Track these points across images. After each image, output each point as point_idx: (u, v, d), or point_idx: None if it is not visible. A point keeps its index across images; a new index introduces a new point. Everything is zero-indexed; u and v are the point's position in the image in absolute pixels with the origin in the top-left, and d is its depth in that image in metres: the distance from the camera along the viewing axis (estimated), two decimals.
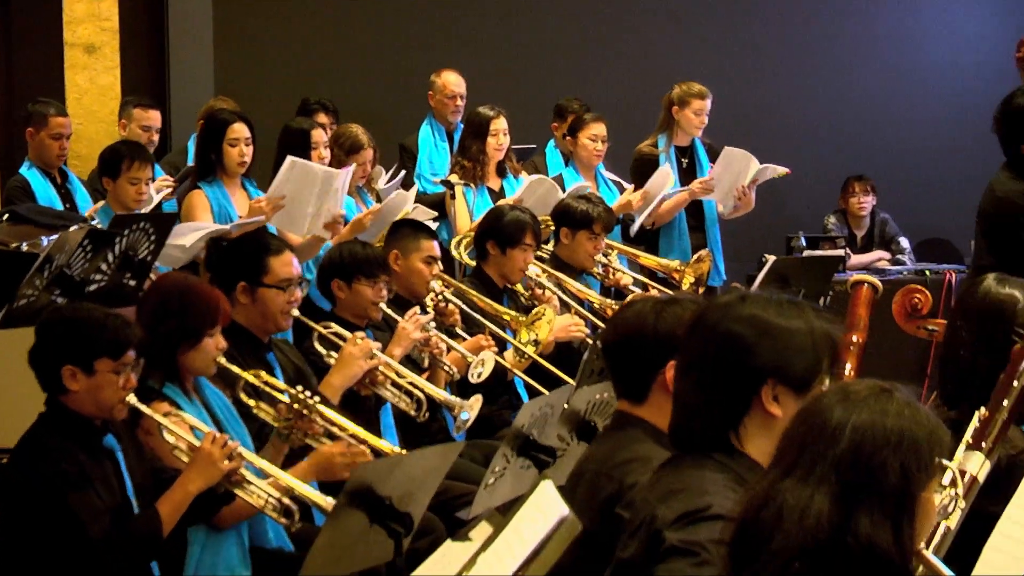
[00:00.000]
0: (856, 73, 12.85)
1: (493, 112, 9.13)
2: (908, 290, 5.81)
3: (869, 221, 11.87)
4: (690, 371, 3.51)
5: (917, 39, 12.89)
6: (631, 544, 3.46)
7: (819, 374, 3.45)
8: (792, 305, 3.51)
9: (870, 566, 2.88)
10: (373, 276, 6.65)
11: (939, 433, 3.00)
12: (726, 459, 3.41)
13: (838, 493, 2.91)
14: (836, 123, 12.71)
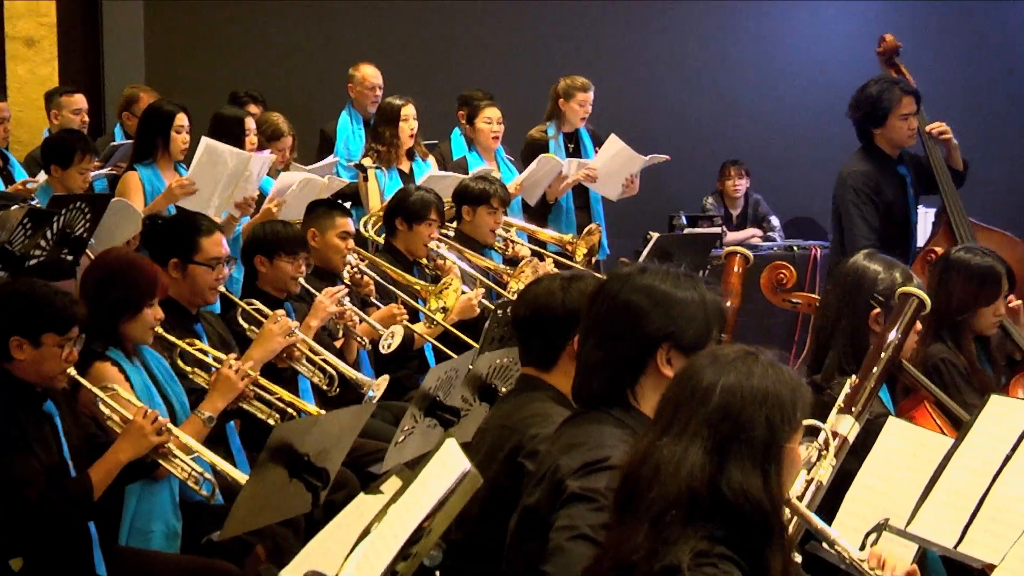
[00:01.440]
0: (732, 67, 12.93)
1: (403, 101, 9.20)
2: (774, 266, 5.87)
3: (743, 202, 11.94)
4: (592, 335, 3.57)
5: (787, 36, 12.98)
6: (536, 491, 3.50)
7: (708, 340, 3.50)
8: (686, 278, 3.57)
9: (742, 512, 2.92)
10: (293, 253, 6.68)
11: (801, 390, 3.06)
12: (623, 415, 3.46)
13: (710, 447, 2.95)
14: (713, 113, 12.78)
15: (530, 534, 3.45)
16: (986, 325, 5.79)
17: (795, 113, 12.64)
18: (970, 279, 5.77)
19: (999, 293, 5.75)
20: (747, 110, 12.83)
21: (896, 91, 7.51)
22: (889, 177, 7.57)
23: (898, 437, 4.22)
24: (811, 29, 12.91)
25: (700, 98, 12.81)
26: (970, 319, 5.75)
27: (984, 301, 5.74)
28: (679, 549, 2.86)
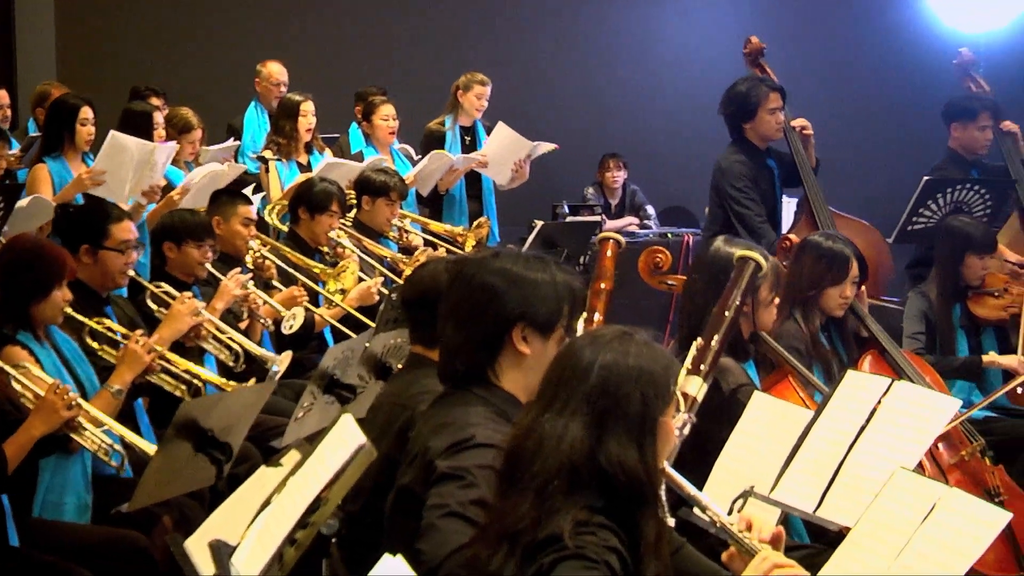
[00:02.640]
0: (611, 66, 12.98)
1: (302, 97, 9.19)
2: (651, 250, 5.89)
3: (621, 192, 11.99)
4: (451, 317, 3.55)
5: (661, 39, 13.03)
6: (408, 472, 3.49)
7: (561, 318, 3.50)
8: (538, 260, 3.57)
9: (619, 482, 2.94)
10: (200, 239, 6.65)
11: (673, 367, 3.10)
12: (485, 392, 3.46)
13: (589, 422, 2.96)
14: (594, 109, 12.82)
15: (405, 513, 3.44)
16: (833, 305, 5.87)
17: (669, 110, 12.70)
18: (820, 259, 5.87)
19: (846, 275, 5.83)
20: (625, 107, 12.89)
21: (763, 88, 7.58)
22: (760, 169, 7.65)
23: (763, 410, 4.27)
24: (683, 32, 12.98)
25: (581, 96, 12.85)
26: (818, 297, 5.84)
27: (831, 281, 5.83)
28: (561, 518, 2.87)
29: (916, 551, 3.19)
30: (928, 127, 8.29)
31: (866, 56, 12.84)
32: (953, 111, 8.17)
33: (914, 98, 11.97)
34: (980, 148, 8.10)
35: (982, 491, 5.75)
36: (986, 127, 8.05)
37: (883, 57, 12.80)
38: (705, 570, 3.39)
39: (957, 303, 6.81)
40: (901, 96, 12.44)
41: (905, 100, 12.29)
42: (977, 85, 8.43)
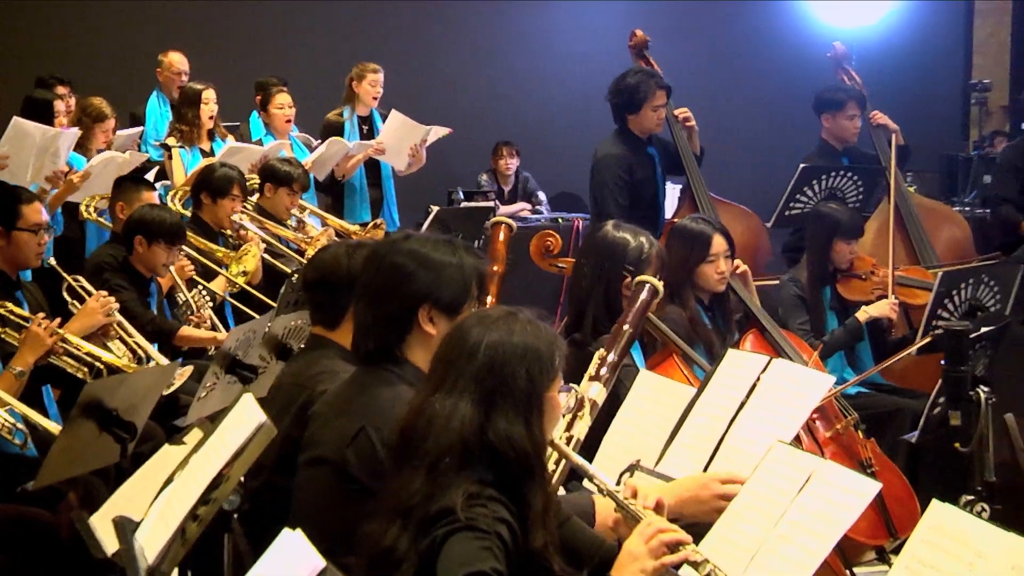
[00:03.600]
0: (504, 58, 12.98)
1: (203, 85, 9.12)
2: (543, 234, 5.89)
3: (514, 179, 12.01)
4: (363, 297, 3.57)
5: (551, 31, 13.06)
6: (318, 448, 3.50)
7: (468, 300, 3.52)
8: (447, 243, 3.58)
9: (508, 456, 2.95)
10: (171, 243, 6.65)
11: (557, 344, 3.09)
12: (395, 368, 3.47)
13: (478, 400, 2.97)
14: (487, 99, 12.82)
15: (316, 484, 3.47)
16: (712, 282, 5.90)
17: (560, 99, 12.74)
18: (684, 241, 5.91)
19: (707, 252, 5.86)
20: (518, 97, 12.90)
21: (652, 84, 7.59)
22: (640, 157, 7.67)
23: (648, 387, 4.28)
24: (571, 25, 13.01)
25: (476, 86, 12.85)
26: (693, 277, 5.87)
27: (696, 260, 5.86)
28: (453, 492, 2.87)
29: (793, 520, 3.22)
30: (805, 117, 8.37)
31: (746, 49, 12.96)
32: (822, 102, 8.26)
33: (791, 89, 12.06)
34: (849, 137, 8.20)
35: (855, 463, 5.82)
36: (854, 116, 8.14)
37: (762, 50, 12.92)
38: (591, 541, 3.41)
39: (827, 285, 6.88)
40: (779, 87, 12.56)
41: (783, 91, 12.41)
42: (850, 77, 8.53)
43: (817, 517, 3.18)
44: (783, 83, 12.48)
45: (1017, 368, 5.79)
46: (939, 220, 8.48)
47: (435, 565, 2.83)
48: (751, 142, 12.46)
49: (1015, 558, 2.73)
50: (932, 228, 8.23)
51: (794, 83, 11.90)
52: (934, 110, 13.22)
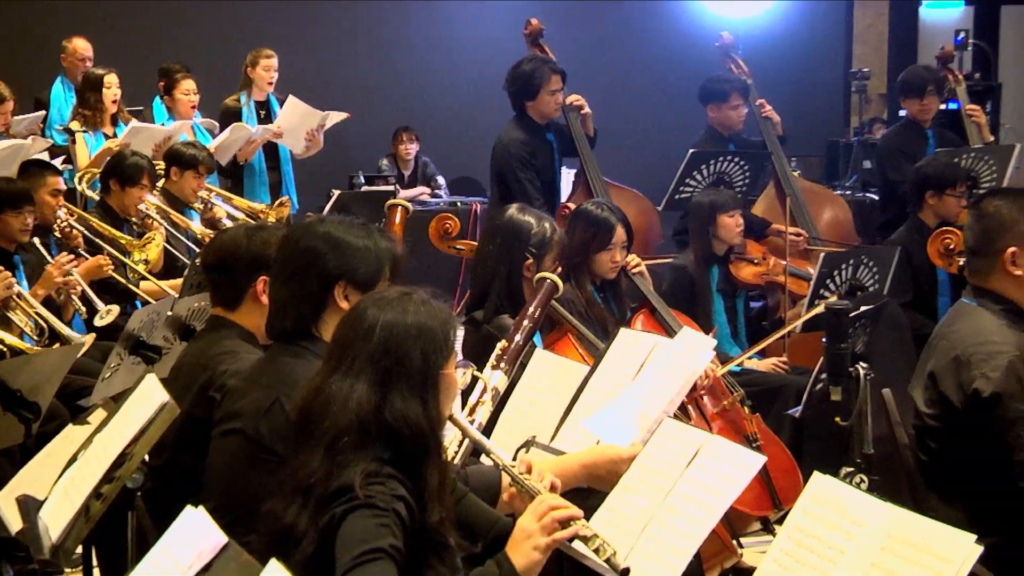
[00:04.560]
0: (404, 45, 12.93)
1: (105, 70, 9.01)
2: (441, 217, 5.89)
3: (414, 163, 11.98)
4: (279, 276, 3.59)
5: (451, 17, 13.03)
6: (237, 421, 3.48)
7: (381, 279, 3.55)
8: (360, 226, 3.63)
9: (404, 435, 2.94)
10: (18, 207, 6.46)
11: (451, 322, 3.09)
12: (310, 345, 3.48)
13: (374, 380, 2.96)
14: (388, 85, 12.77)
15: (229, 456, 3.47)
16: (605, 269, 5.92)
17: (458, 86, 12.72)
18: (588, 226, 5.91)
19: (608, 240, 5.88)
20: (417, 83, 12.86)
21: (546, 70, 7.61)
22: (540, 143, 7.68)
23: (543, 366, 4.29)
24: (469, 13, 12.99)
25: (376, 72, 12.79)
26: (589, 261, 5.89)
27: (598, 246, 5.88)
28: (351, 471, 2.86)
29: (681, 493, 3.24)
30: (694, 103, 8.41)
31: (637, 38, 13.01)
32: (706, 93, 8.30)
33: (682, 77, 12.11)
34: (734, 125, 8.25)
35: (742, 437, 5.88)
36: (738, 106, 8.19)
37: (653, 39, 12.99)
38: (486, 517, 3.42)
39: (713, 267, 6.92)
40: (670, 75, 12.63)
41: (673, 79, 12.48)
42: (737, 66, 8.59)
43: (705, 489, 3.20)
44: (673, 70, 12.55)
45: (894, 345, 5.89)
46: (822, 202, 8.59)
47: (334, 542, 2.82)
48: (643, 127, 12.52)
49: (891, 526, 2.77)
50: (815, 210, 8.33)
51: (684, 71, 11.97)
52: (817, 98, 13.38)
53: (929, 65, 9.04)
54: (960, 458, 4.07)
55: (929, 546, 2.69)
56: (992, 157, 7.97)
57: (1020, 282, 4.18)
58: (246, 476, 3.35)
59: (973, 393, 3.98)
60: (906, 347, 5.91)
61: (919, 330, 6.08)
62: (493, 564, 3.04)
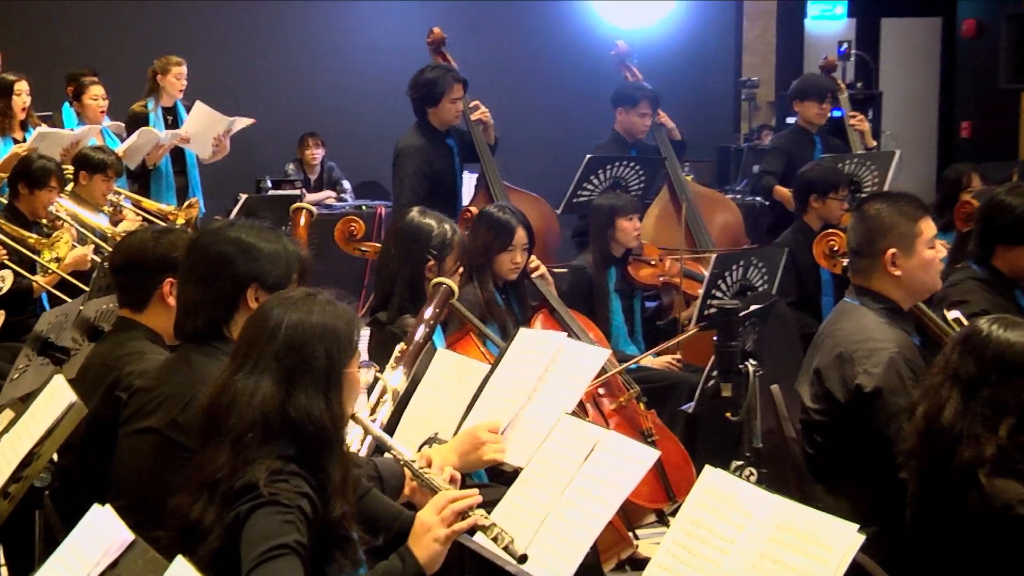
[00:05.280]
0: (310, 52, 12.85)
1: (16, 76, 8.82)
2: (346, 220, 5.86)
3: (320, 168, 11.90)
4: (190, 279, 3.57)
5: (355, 26, 12.97)
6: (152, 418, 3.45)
7: (290, 282, 3.55)
8: (269, 230, 3.64)
9: (308, 432, 2.94)
10: None
11: (354, 322, 3.10)
12: (222, 345, 3.46)
13: (279, 378, 2.96)
14: (294, 92, 12.68)
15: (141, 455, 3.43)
16: (506, 270, 5.92)
17: (363, 93, 12.66)
18: (490, 228, 5.92)
19: (510, 242, 5.88)
20: (323, 89, 12.79)
21: (448, 78, 7.60)
22: (439, 148, 7.67)
23: (445, 365, 4.29)
24: (373, 22, 12.94)
25: (283, 79, 12.71)
26: (491, 263, 5.89)
27: (497, 247, 5.88)
28: (256, 468, 2.86)
29: (578, 487, 3.25)
30: (590, 110, 8.48)
31: (536, 47, 13.05)
32: (618, 97, 8.36)
33: (579, 84, 12.24)
34: (639, 132, 8.31)
35: (637, 432, 5.91)
36: (645, 114, 8.25)
37: (551, 47, 13.03)
38: (390, 512, 3.42)
39: (611, 268, 6.95)
40: (567, 82, 12.68)
41: (571, 86, 12.54)
42: (632, 74, 8.64)
43: (601, 483, 3.22)
44: (571, 78, 12.60)
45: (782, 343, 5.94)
46: (714, 206, 8.67)
47: (239, 538, 2.81)
48: (542, 133, 12.55)
49: (778, 517, 2.81)
50: (707, 214, 8.40)
51: (581, 78, 12.07)
52: (709, 105, 13.49)
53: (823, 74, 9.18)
54: (844, 451, 4.12)
55: (814, 535, 2.72)
56: (874, 162, 8.11)
57: (900, 282, 4.25)
58: (160, 473, 3.32)
59: (856, 388, 4.04)
60: (793, 345, 5.96)
61: (805, 328, 6.14)
62: (396, 557, 3.06)
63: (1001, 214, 4.97)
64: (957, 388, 3.39)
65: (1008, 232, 4.95)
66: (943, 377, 3.45)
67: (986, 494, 3.26)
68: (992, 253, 4.99)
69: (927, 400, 3.45)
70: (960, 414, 3.35)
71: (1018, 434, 3.31)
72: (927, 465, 3.42)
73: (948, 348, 3.53)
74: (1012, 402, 3.32)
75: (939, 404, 3.40)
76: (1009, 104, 13.83)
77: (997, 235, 4.98)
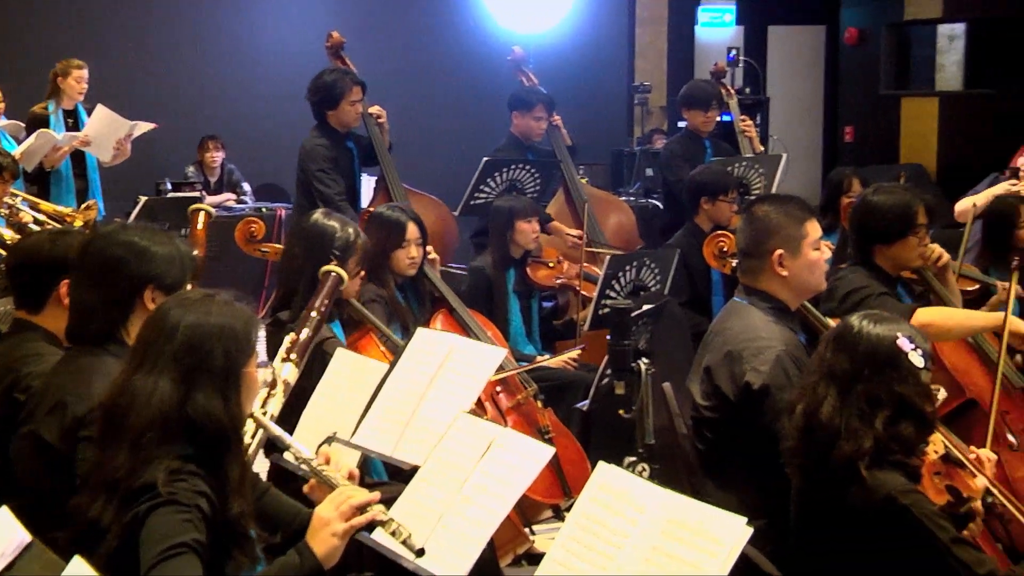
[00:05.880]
0: (211, 55, 12.68)
1: None
2: (247, 221, 5.82)
3: (220, 171, 11.79)
4: (85, 282, 3.53)
5: (255, 29, 12.82)
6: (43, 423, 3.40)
7: (184, 282, 3.53)
8: (162, 232, 3.63)
9: (207, 431, 2.92)
10: None
11: (252, 322, 3.09)
12: (118, 349, 3.43)
13: (178, 378, 2.94)
14: (194, 94, 12.51)
15: (35, 458, 3.39)
16: (404, 266, 5.93)
17: (262, 96, 12.53)
18: (381, 227, 5.93)
19: (403, 238, 5.89)
20: (223, 92, 12.64)
21: (347, 81, 7.58)
22: (340, 151, 7.65)
23: (344, 364, 4.27)
24: (273, 25, 12.81)
25: (183, 82, 12.52)
26: (388, 261, 5.89)
27: (392, 245, 5.89)
28: (155, 468, 2.84)
29: (476, 484, 3.25)
30: (488, 114, 8.49)
31: (434, 51, 13.01)
32: (515, 101, 8.37)
33: (476, 88, 12.24)
34: (535, 135, 8.33)
35: (535, 430, 5.93)
36: (540, 118, 8.28)
37: (449, 52, 13.00)
38: (288, 510, 3.41)
39: (509, 269, 6.97)
40: (465, 86, 12.67)
41: (469, 90, 12.53)
42: (528, 79, 8.66)
43: (498, 480, 3.22)
44: (469, 82, 12.60)
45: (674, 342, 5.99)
46: (608, 208, 8.72)
47: (138, 538, 2.78)
48: (440, 136, 12.53)
49: (670, 511, 2.83)
50: (601, 215, 8.45)
51: (478, 83, 12.07)
52: (602, 109, 13.56)
53: (710, 80, 9.26)
54: (733, 447, 4.16)
55: (704, 529, 2.75)
56: (762, 166, 8.20)
57: (786, 282, 4.30)
58: (40, 474, 3.32)
59: (745, 386, 4.08)
60: (685, 343, 6.02)
61: (696, 327, 6.20)
62: (294, 552, 3.04)
63: (871, 215, 5.07)
64: (833, 385, 3.44)
65: (881, 231, 5.05)
66: (819, 375, 3.49)
67: (867, 487, 3.31)
68: (872, 254, 5.09)
69: (805, 398, 3.50)
70: (837, 410, 3.40)
71: (894, 426, 3.37)
72: (809, 461, 3.46)
73: (822, 346, 3.58)
74: (886, 395, 3.38)
75: (817, 401, 3.45)
76: (890, 109, 14.10)
77: (872, 236, 5.08)
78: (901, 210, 5.03)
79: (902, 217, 5.03)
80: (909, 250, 5.06)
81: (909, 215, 5.03)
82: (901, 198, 5.06)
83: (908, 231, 5.03)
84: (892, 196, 5.07)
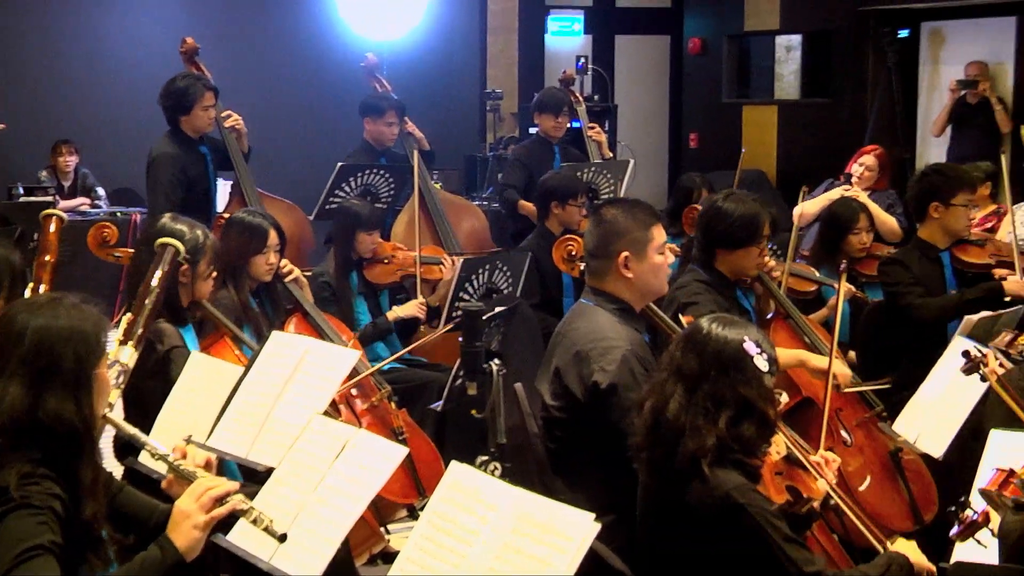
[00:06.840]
0: (63, 59, 12.39)
1: None
2: (99, 226, 5.69)
3: (73, 175, 11.55)
4: None
5: (108, 34, 12.57)
6: None
7: (1, 289, 3.57)
8: None
9: (59, 434, 2.88)
10: None
11: (101, 324, 3.06)
12: None
13: (28, 382, 2.90)
14: (47, 98, 12.22)
15: None
16: (261, 272, 5.90)
17: (117, 100, 12.28)
18: (242, 232, 5.88)
19: (263, 244, 5.85)
20: (77, 96, 12.37)
21: (200, 86, 7.46)
22: (193, 156, 7.52)
23: (199, 367, 4.22)
24: (128, 30, 12.58)
25: (36, 85, 12.23)
26: (246, 266, 5.84)
27: (252, 250, 5.85)
28: (7, 473, 2.80)
29: (330, 485, 3.24)
30: (342, 120, 8.44)
31: (289, 57, 12.90)
32: (365, 107, 8.36)
33: (331, 95, 12.16)
34: (388, 141, 8.32)
35: (389, 431, 5.91)
36: (392, 123, 8.27)
37: (303, 58, 12.90)
38: (144, 507, 3.36)
39: (352, 271, 6.93)
40: (320, 93, 12.59)
41: (323, 96, 12.45)
42: (381, 85, 8.64)
43: (352, 481, 3.21)
44: (324, 88, 12.52)
45: (525, 343, 6.04)
46: (461, 212, 8.74)
47: None
48: (294, 141, 12.42)
49: (520, 509, 2.85)
50: (455, 219, 8.46)
51: (333, 88, 11.99)
52: (455, 115, 13.57)
53: (561, 87, 9.33)
54: (582, 445, 4.19)
55: (554, 526, 2.77)
56: (610, 171, 8.30)
57: (631, 284, 4.35)
58: None
59: (592, 385, 4.11)
60: (536, 344, 6.06)
61: (547, 329, 6.22)
62: (155, 547, 3.01)
63: (719, 221, 5.17)
64: (681, 383, 3.49)
65: (726, 237, 5.14)
66: (668, 373, 3.54)
67: (707, 484, 3.37)
68: (713, 257, 5.18)
69: (654, 395, 3.55)
70: (684, 408, 3.45)
71: (736, 426, 3.42)
72: (656, 457, 3.51)
73: (673, 346, 3.63)
74: (730, 396, 3.44)
75: (665, 399, 3.49)
76: (731, 117, 14.35)
77: (717, 240, 5.17)
78: (749, 220, 5.13)
79: (748, 227, 5.13)
80: (749, 259, 5.18)
81: (755, 226, 5.13)
82: (750, 208, 5.16)
83: (751, 241, 5.13)
84: (742, 205, 5.16)
